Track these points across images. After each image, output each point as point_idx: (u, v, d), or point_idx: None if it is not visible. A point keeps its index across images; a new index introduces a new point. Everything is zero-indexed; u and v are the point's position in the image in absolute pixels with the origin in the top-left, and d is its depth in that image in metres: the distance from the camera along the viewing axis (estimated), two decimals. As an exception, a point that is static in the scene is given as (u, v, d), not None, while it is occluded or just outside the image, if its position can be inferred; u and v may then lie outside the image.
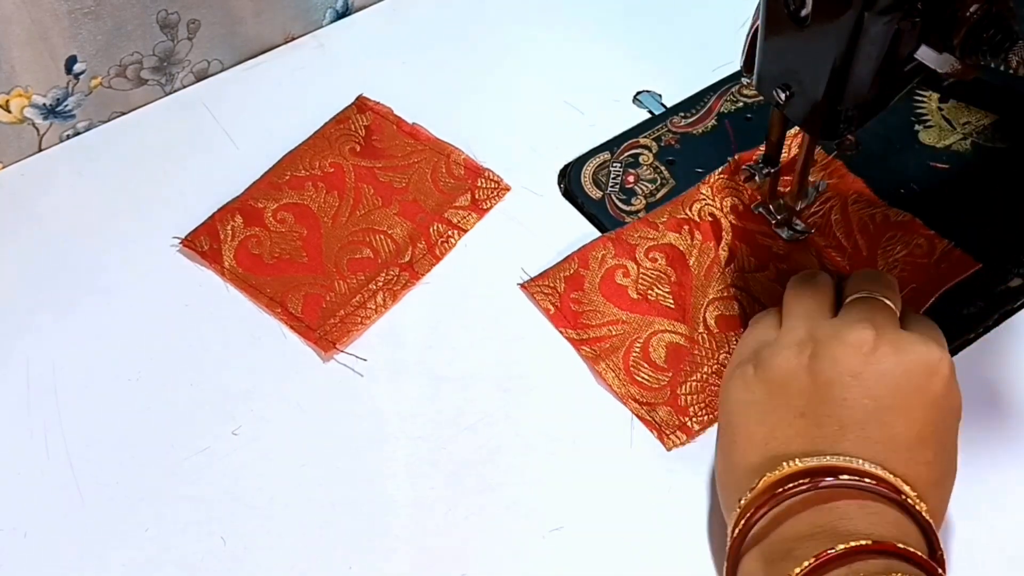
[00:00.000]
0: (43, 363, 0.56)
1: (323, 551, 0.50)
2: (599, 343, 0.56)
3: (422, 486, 0.52)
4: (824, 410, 0.44)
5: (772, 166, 0.56)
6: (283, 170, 0.64)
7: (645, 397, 0.54)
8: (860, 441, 0.43)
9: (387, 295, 0.58)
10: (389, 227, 0.61)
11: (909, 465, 0.43)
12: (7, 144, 0.64)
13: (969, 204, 0.61)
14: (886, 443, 0.43)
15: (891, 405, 0.43)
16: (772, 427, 0.45)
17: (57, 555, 0.50)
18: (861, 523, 0.41)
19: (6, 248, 0.61)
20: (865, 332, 0.44)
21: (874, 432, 0.43)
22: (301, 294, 0.58)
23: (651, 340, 0.55)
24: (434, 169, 0.63)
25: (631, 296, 0.57)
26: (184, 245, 0.60)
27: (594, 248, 0.59)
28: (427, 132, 0.65)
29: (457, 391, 0.55)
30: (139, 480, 0.52)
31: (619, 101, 0.67)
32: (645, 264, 0.58)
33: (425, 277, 0.59)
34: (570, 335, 0.56)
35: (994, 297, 0.57)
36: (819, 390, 0.44)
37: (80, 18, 0.61)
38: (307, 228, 0.61)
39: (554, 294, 0.57)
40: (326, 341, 0.56)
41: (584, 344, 0.56)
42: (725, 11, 0.71)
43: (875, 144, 0.63)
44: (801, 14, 0.45)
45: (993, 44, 0.42)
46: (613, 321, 0.56)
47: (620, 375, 0.54)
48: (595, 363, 0.55)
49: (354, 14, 0.73)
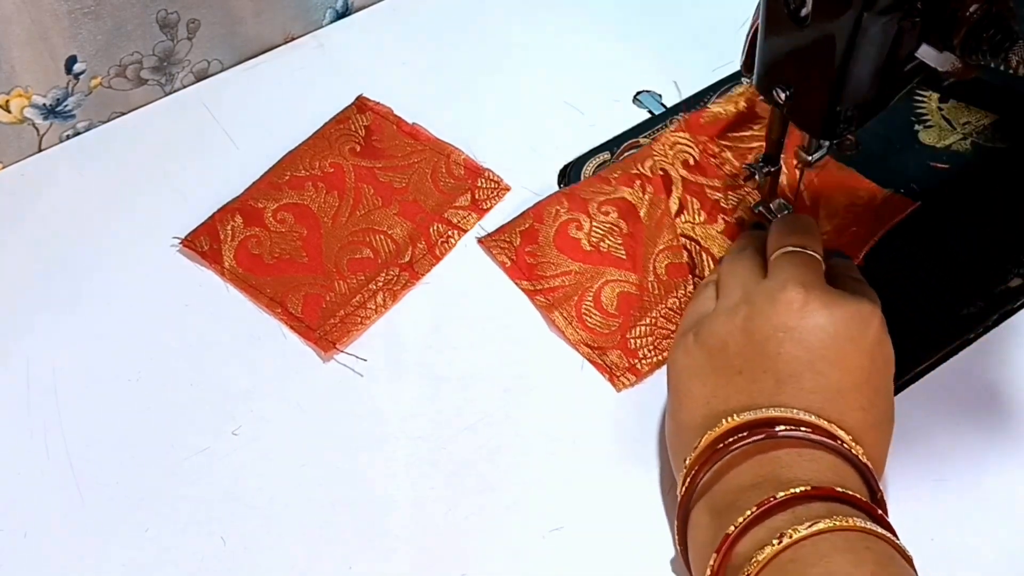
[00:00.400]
0: (43, 363, 0.56)
1: (323, 551, 0.50)
2: (552, 293, 0.58)
3: (422, 486, 0.52)
4: (760, 365, 0.46)
5: (772, 166, 0.56)
6: (283, 170, 0.64)
7: (596, 342, 0.56)
8: (796, 392, 0.45)
9: (387, 295, 0.58)
10: (389, 227, 0.61)
11: (844, 412, 0.45)
12: (7, 144, 0.64)
13: (969, 204, 0.60)
14: (821, 392, 0.45)
15: (824, 356, 0.45)
16: (713, 387, 0.47)
17: (57, 555, 0.50)
18: (800, 471, 0.43)
19: (6, 248, 0.61)
20: (795, 290, 0.46)
21: (808, 383, 0.45)
22: (301, 294, 0.58)
23: (603, 289, 0.58)
24: (434, 169, 0.63)
25: (584, 248, 0.59)
26: (184, 245, 0.60)
27: (548, 204, 0.61)
28: (427, 132, 0.65)
29: (457, 391, 0.55)
30: (139, 480, 0.52)
31: (619, 101, 0.67)
32: (598, 217, 0.60)
33: (425, 277, 0.59)
34: (525, 286, 0.58)
35: (994, 297, 0.57)
36: (754, 347, 0.46)
37: (80, 18, 0.61)
38: (307, 228, 0.61)
39: (510, 248, 0.59)
40: (326, 341, 0.56)
41: (538, 294, 0.58)
42: (725, 11, 0.71)
43: (875, 144, 0.63)
44: (801, 14, 0.45)
45: (993, 44, 0.42)
46: (566, 272, 0.58)
47: (572, 322, 0.56)
48: (548, 311, 0.57)
49: (354, 14, 0.73)
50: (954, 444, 0.52)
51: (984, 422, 0.53)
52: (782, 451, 0.44)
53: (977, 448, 0.52)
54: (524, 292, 0.58)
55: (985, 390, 0.54)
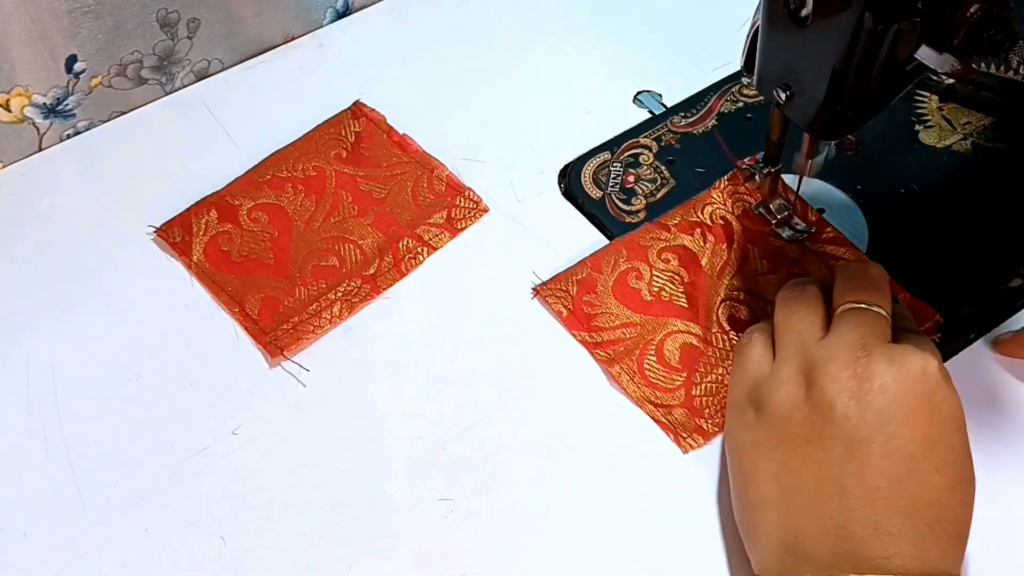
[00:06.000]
0: (43, 363, 0.56)
1: (323, 551, 0.50)
2: (613, 346, 0.55)
3: (422, 486, 0.52)
4: (828, 432, 0.44)
5: (772, 166, 0.56)
6: (266, 169, 0.63)
7: (661, 399, 0.54)
8: (866, 459, 0.42)
9: (344, 306, 0.57)
10: (360, 237, 0.60)
11: (919, 475, 0.42)
12: (7, 144, 0.64)
13: (969, 204, 0.61)
14: (893, 457, 0.42)
15: (893, 417, 0.43)
16: (781, 460, 0.45)
17: (57, 555, 0.50)
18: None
19: (6, 248, 0.61)
20: (858, 352, 0.44)
21: (879, 447, 0.43)
22: (261, 296, 0.58)
23: (665, 341, 0.55)
24: (416, 183, 0.63)
25: (644, 298, 0.57)
26: (157, 234, 0.60)
27: (607, 253, 0.59)
28: (416, 145, 0.64)
29: (457, 391, 0.55)
30: (139, 480, 0.52)
31: (619, 101, 0.67)
32: (658, 265, 0.58)
33: (386, 292, 0.58)
34: (584, 338, 0.56)
35: (994, 297, 0.57)
36: (820, 414, 0.44)
37: (80, 17, 0.61)
38: (279, 230, 0.61)
39: (567, 297, 0.57)
40: (274, 347, 0.56)
41: (598, 347, 0.55)
42: (725, 11, 0.71)
43: (875, 144, 0.63)
44: (801, 14, 0.45)
45: (993, 44, 0.42)
46: (627, 324, 0.56)
47: (635, 377, 0.54)
48: (609, 366, 0.55)
49: (354, 14, 0.73)
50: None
51: (984, 422, 0.53)
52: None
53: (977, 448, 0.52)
54: (582, 344, 0.56)
55: (985, 390, 0.54)
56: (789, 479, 0.44)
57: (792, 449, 0.44)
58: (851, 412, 0.43)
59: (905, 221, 0.60)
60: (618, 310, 0.57)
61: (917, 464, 0.42)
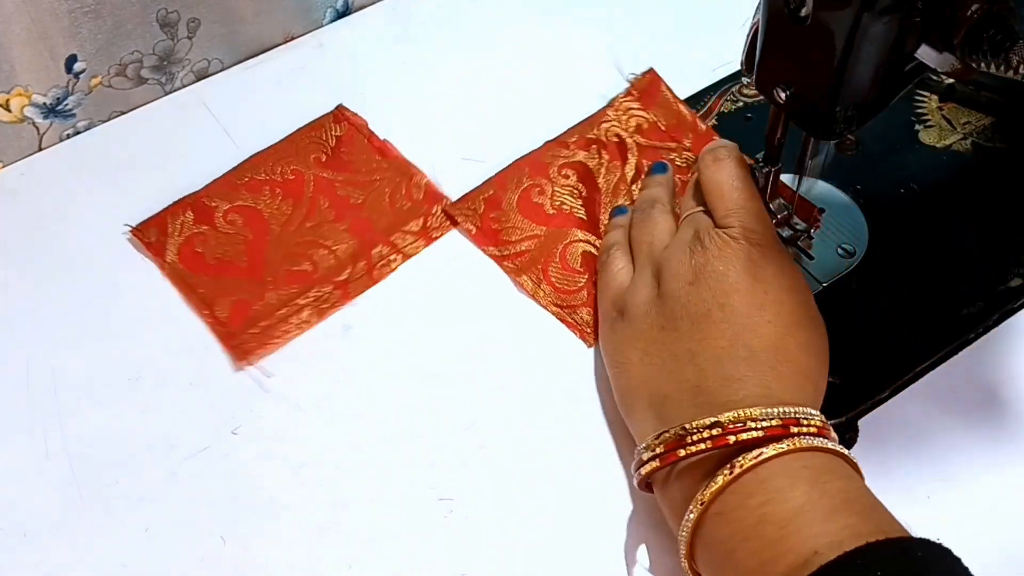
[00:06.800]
0: (43, 363, 0.56)
1: (323, 551, 0.50)
2: (519, 257, 0.59)
3: (422, 486, 0.52)
4: (677, 314, 0.49)
5: (772, 166, 0.56)
6: (244, 171, 0.63)
7: (564, 301, 0.58)
8: (709, 325, 0.48)
9: (313, 312, 0.57)
10: (335, 242, 0.60)
11: (759, 326, 0.48)
12: (7, 143, 0.64)
13: (969, 204, 0.61)
14: (732, 322, 0.48)
15: (724, 289, 0.49)
16: (643, 349, 0.50)
17: (57, 555, 0.50)
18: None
19: (6, 248, 0.61)
20: (692, 246, 0.50)
21: (717, 314, 0.48)
22: (231, 299, 0.58)
23: (568, 249, 0.60)
24: (394, 189, 0.62)
25: (547, 212, 0.61)
26: (133, 234, 0.60)
27: (511, 171, 0.63)
28: (396, 151, 0.64)
29: (457, 391, 0.55)
30: (139, 480, 0.52)
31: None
32: (559, 181, 0.62)
33: (355, 299, 0.58)
34: (491, 252, 0.60)
35: (994, 297, 0.57)
36: (669, 303, 0.50)
37: (80, 17, 0.61)
38: (254, 233, 0.60)
39: (474, 216, 0.61)
40: (240, 351, 0.56)
41: (505, 259, 0.59)
42: (725, 11, 0.71)
43: (875, 144, 0.63)
44: (801, 14, 0.45)
45: (993, 44, 0.42)
46: (531, 236, 0.60)
47: (541, 284, 0.58)
48: (516, 275, 0.59)
49: (354, 14, 0.73)
50: (954, 444, 0.52)
51: (984, 422, 0.53)
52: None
53: (977, 448, 0.52)
54: (491, 258, 0.59)
55: (985, 390, 0.54)
56: (651, 360, 0.50)
57: (651, 338, 0.50)
58: (691, 295, 0.49)
59: (905, 221, 0.60)
60: (523, 224, 0.61)
61: (750, 321, 0.48)
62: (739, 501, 0.43)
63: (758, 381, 0.46)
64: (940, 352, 0.55)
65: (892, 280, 0.57)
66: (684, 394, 0.48)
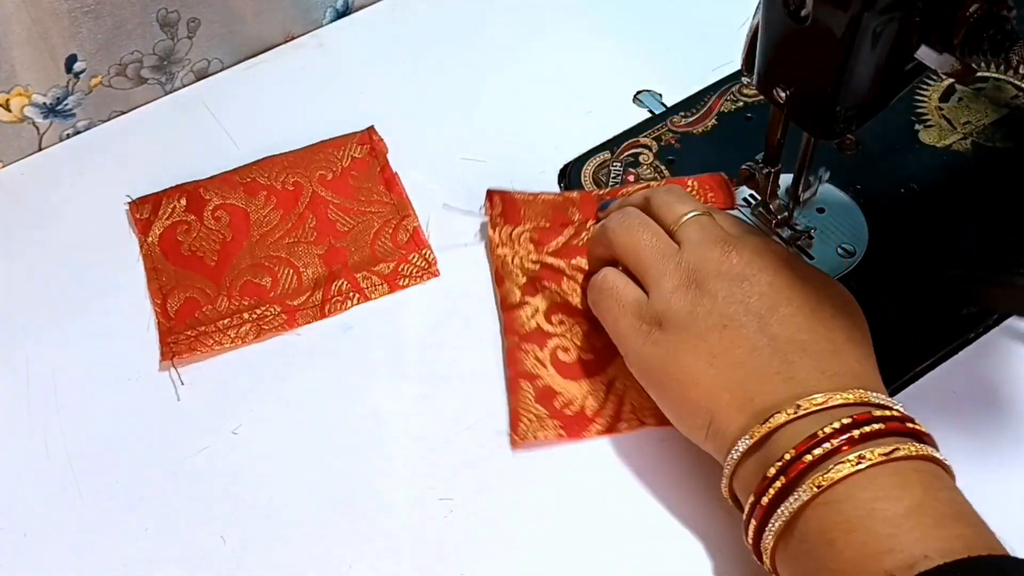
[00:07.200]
0: (43, 363, 0.56)
1: (323, 551, 0.50)
2: None
3: (422, 486, 0.52)
4: (738, 312, 0.48)
5: (772, 166, 0.56)
6: (249, 171, 0.63)
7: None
8: (781, 319, 0.48)
9: (252, 330, 0.57)
10: (304, 265, 0.59)
11: (827, 321, 0.48)
12: (7, 143, 0.64)
13: (969, 204, 0.60)
14: (800, 314, 0.48)
15: (782, 285, 0.49)
16: (708, 351, 0.48)
17: (57, 555, 0.50)
18: None
19: (6, 248, 0.61)
20: (724, 246, 0.50)
21: (785, 309, 0.48)
22: (186, 295, 0.58)
23: None
24: (383, 225, 0.61)
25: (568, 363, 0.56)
26: (130, 207, 0.61)
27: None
28: (401, 188, 0.62)
29: (457, 391, 0.55)
30: (139, 480, 0.52)
31: (619, 101, 0.67)
32: (546, 340, 0.56)
33: (299, 329, 0.57)
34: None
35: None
36: (724, 302, 0.49)
37: (80, 17, 0.61)
38: (234, 234, 0.60)
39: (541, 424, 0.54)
40: (169, 350, 0.56)
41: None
42: (725, 11, 0.71)
43: (875, 144, 0.63)
44: (801, 13, 0.45)
45: (993, 44, 0.42)
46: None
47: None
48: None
49: (354, 14, 0.73)
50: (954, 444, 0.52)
51: (984, 422, 0.53)
52: None
53: (977, 448, 0.52)
54: None
55: (985, 390, 0.54)
56: (723, 360, 0.48)
57: (714, 338, 0.48)
58: (749, 292, 0.48)
59: (905, 221, 0.60)
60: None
61: (819, 315, 0.48)
62: (848, 492, 0.42)
63: (845, 371, 0.46)
64: (940, 352, 0.55)
65: (892, 280, 0.57)
66: (774, 386, 0.46)
